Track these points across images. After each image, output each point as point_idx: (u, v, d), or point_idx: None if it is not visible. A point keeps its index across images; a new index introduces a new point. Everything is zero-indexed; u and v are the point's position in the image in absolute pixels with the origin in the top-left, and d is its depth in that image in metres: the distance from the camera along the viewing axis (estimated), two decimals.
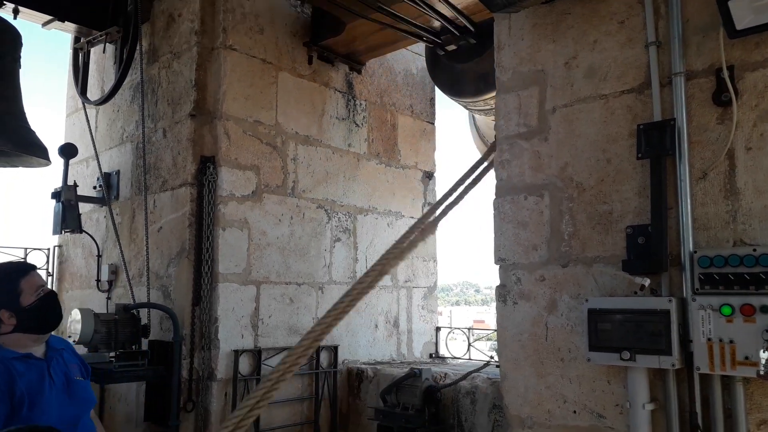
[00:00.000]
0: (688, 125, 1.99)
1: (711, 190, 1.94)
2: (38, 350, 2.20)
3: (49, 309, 2.19)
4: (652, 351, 1.90)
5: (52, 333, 2.33)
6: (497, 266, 2.44)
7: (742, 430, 1.80)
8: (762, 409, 1.80)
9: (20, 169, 3.60)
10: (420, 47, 4.43)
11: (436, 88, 4.93)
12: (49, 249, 4.49)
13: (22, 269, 2.23)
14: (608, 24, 2.20)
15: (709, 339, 1.81)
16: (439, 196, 4.73)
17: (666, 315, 1.88)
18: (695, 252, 1.90)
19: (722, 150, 1.92)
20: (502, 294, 2.40)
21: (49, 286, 2.28)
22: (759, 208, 1.85)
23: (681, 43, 2.01)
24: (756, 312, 1.73)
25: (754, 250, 1.79)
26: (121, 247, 3.77)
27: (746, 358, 1.74)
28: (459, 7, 3.39)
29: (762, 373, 1.68)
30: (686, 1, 2.02)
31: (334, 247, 4.06)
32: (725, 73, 1.90)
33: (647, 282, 1.96)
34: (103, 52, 4.11)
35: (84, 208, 4.06)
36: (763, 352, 1.68)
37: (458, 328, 4.20)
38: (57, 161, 3.82)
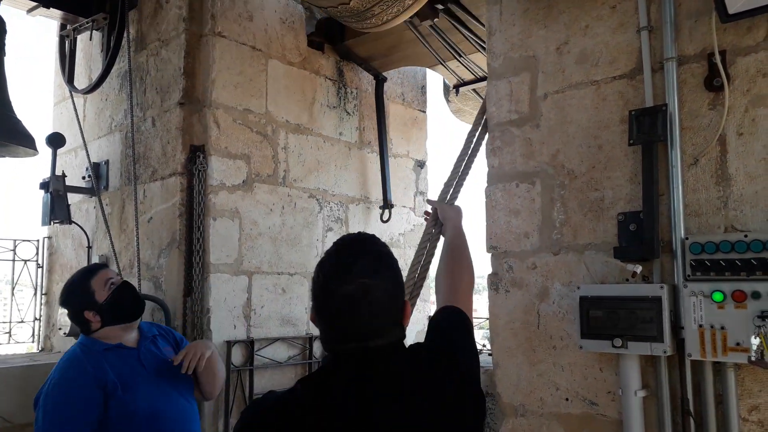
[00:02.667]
0: (679, 111, 1.97)
1: (702, 176, 1.93)
2: (129, 339, 2.34)
3: (124, 298, 2.33)
4: (644, 338, 1.89)
5: (148, 321, 2.52)
6: (489, 254, 2.43)
7: (733, 415, 1.80)
8: (753, 395, 1.81)
9: (7, 159, 3.55)
10: None
11: (427, 76, 4.90)
12: (38, 240, 4.45)
13: (89, 270, 2.40)
14: (600, 9, 2.18)
15: (700, 325, 1.80)
16: (431, 185, 4.71)
17: (657, 302, 1.88)
18: (687, 238, 1.89)
19: (714, 136, 1.90)
20: (494, 282, 2.39)
21: (121, 278, 2.44)
22: (750, 193, 1.84)
23: (673, 28, 1.99)
24: (747, 298, 1.73)
25: (746, 236, 1.78)
26: (111, 238, 3.73)
27: (737, 344, 1.73)
28: None
29: (753, 359, 1.68)
30: None
31: (326, 236, 4.03)
32: (717, 58, 1.88)
33: (639, 269, 1.95)
34: (90, 40, 4.04)
35: (73, 198, 4.02)
36: (754, 338, 1.68)
37: None
38: (45, 151, 3.77)
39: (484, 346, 3.61)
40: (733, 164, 1.88)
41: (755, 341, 1.67)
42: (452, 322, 1.47)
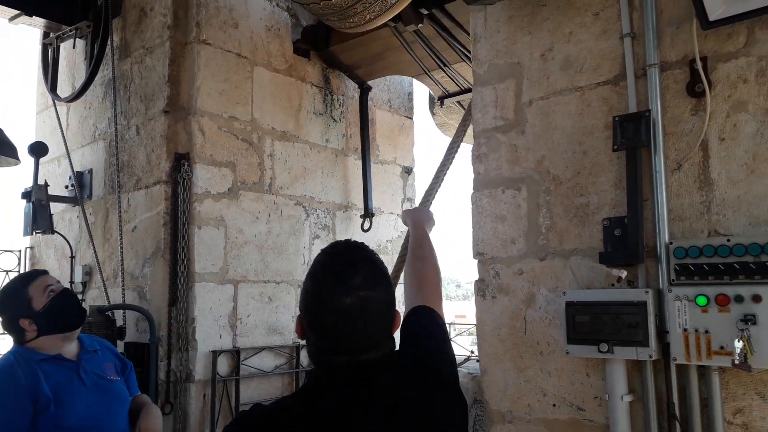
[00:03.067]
0: (662, 117, 1.99)
1: (686, 181, 1.95)
2: (69, 351, 2.20)
3: (64, 306, 2.19)
4: (630, 342, 1.90)
5: (89, 334, 2.36)
6: (476, 261, 2.43)
7: (718, 419, 1.81)
8: (737, 398, 1.81)
9: None
10: None
11: (414, 83, 4.92)
12: (20, 251, 4.38)
13: (28, 277, 2.26)
14: (583, 16, 2.20)
15: (685, 329, 1.81)
16: (418, 192, 4.72)
17: (643, 306, 1.89)
18: (671, 243, 1.91)
19: (696, 141, 1.92)
20: (481, 288, 2.39)
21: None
22: (732, 198, 1.86)
23: (655, 35, 2.01)
24: (730, 302, 1.74)
25: (728, 240, 1.80)
26: (94, 248, 3.69)
27: (721, 347, 1.74)
28: None
29: (737, 362, 1.69)
30: None
31: (312, 244, 4.02)
32: (699, 65, 1.90)
33: (624, 274, 1.96)
34: (73, 48, 4.01)
35: (56, 208, 3.97)
36: (738, 341, 1.69)
37: None
38: (27, 160, 3.73)
39: (472, 352, 3.60)
40: (715, 169, 1.90)
41: (738, 344, 1.68)
42: (426, 327, 1.41)
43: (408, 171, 4.81)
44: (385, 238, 4.54)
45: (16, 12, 3.74)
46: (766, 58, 1.83)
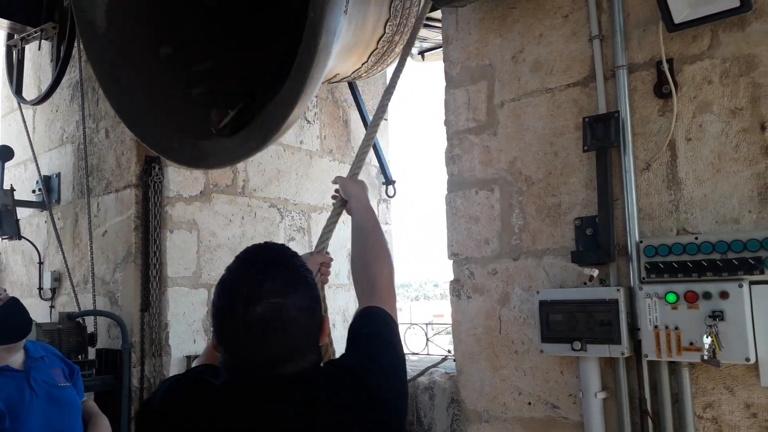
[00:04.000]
0: (631, 117, 2.02)
1: (654, 180, 1.98)
2: (15, 361, 2.13)
3: (7, 316, 2.12)
4: (603, 340, 1.93)
5: (34, 340, 2.29)
6: (451, 261, 2.44)
7: (688, 413, 1.85)
8: (707, 393, 1.85)
9: None
10: None
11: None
12: None
13: None
14: (553, 18, 2.22)
15: (655, 326, 1.85)
16: (394, 195, 4.71)
17: (615, 304, 1.92)
18: (641, 242, 1.94)
19: (664, 141, 1.96)
20: (456, 288, 2.40)
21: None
22: (699, 197, 1.90)
23: (623, 37, 2.04)
24: (699, 299, 1.78)
25: (696, 238, 1.84)
26: (63, 253, 3.60)
27: (691, 343, 1.78)
28: None
29: (705, 357, 1.72)
30: None
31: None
32: (665, 66, 1.94)
33: (596, 273, 1.99)
34: (39, 50, 3.92)
35: (23, 213, 3.87)
36: (706, 337, 1.73)
37: (416, 324, 4.19)
38: None
39: (449, 351, 3.61)
40: (683, 169, 1.94)
41: (707, 340, 1.72)
42: (372, 334, 1.25)
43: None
44: None
45: None
46: (729, 59, 1.88)
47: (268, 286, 1.05)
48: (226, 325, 1.07)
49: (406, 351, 4.43)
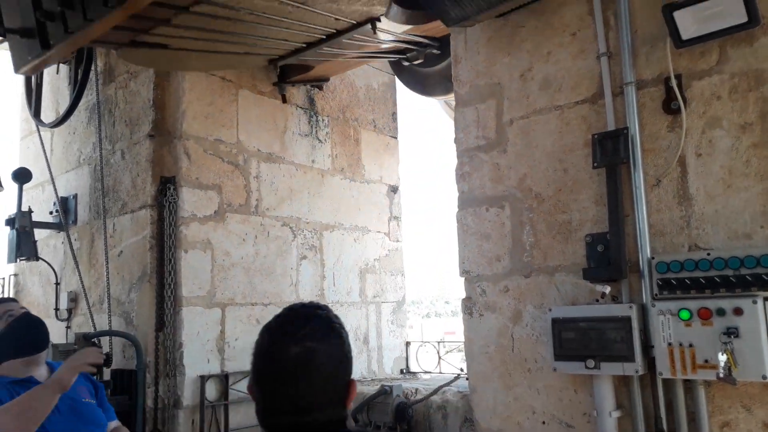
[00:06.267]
0: (640, 134, 2.02)
1: (665, 196, 1.98)
2: (40, 374, 2.17)
3: (21, 330, 2.15)
4: (616, 358, 1.91)
5: (52, 360, 2.31)
6: (462, 278, 2.44)
7: None
8: (724, 411, 1.83)
9: None
10: (381, 62, 4.45)
11: (398, 103, 4.95)
12: (3, 278, 4.33)
13: None
14: (561, 36, 2.24)
15: (669, 344, 1.83)
16: (404, 210, 4.74)
17: (627, 321, 1.90)
18: (653, 258, 1.93)
19: (674, 157, 1.95)
20: (468, 306, 2.40)
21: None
22: (711, 212, 1.89)
23: (631, 54, 2.05)
24: (712, 315, 1.76)
25: (708, 254, 1.82)
26: (80, 274, 3.65)
27: (706, 361, 1.76)
28: (422, 33, 3.42)
29: (721, 375, 1.70)
30: (634, 12, 2.07)
31: (300, 265, 4.01)
32: (673, 82, 1.94)
33: (608, 290, 1.98)
34: (57, 73, 4.01)
35: (40, 234, 3.94)
36: (721, 354, 1.71)
37: (428, 342, 4.18)
38: (11, 186, 3.70)
39: (461, 370, 3.59)
40: (693, 184, 1.93)
41: (722, 358, 1.70)
42: None
43: (394, 190, 4.83)
44: (373, 257, 4.54)
45: None
46: (738, 75, 1.88)
47: (306, 331, 1.14)
48: (263, 363, 1.15)
49: (418, 369, 4.42)
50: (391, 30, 3.19)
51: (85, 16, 2.29)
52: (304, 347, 1.11)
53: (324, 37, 3.21)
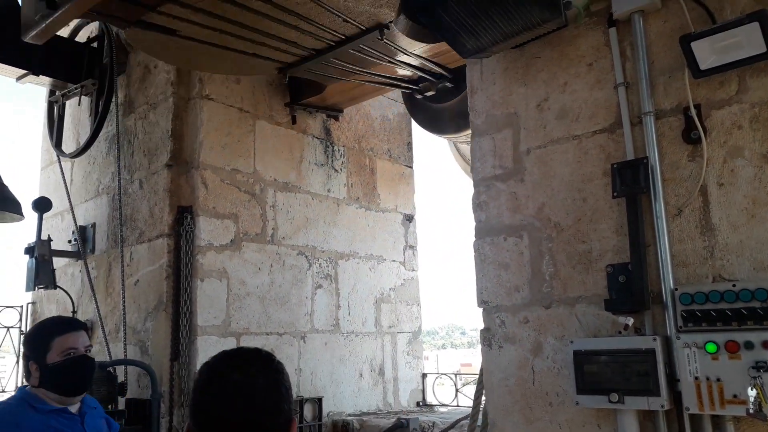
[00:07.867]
0: (660, 163, 2.01)
1: (687, 226, 1.95)
2: (73, 406, 2.22)
3: (70, 374, 2.15)
4: (641, 392, 1.86)
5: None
6: (480, 309, 2.41)
7: None
8: None
9: None
10: (396, 92, 4.50)
11: (413, 133, 4.99)
12: (22, 306, 4.36)
13: (61, 326, 2.23)
14: (577, 66, 2.25)
15: (696, 378, 1.78)
16: (420, 239, 4.73)
17: (652, 354, 1.86)
18: (676, 289, 1.89)
19: (695, 187, 1.93)
20: (487, 338, 2.36)
21: (84, 350, 2.20)
22: (735, 243, 1.86)
23: (648, 84, 2.05)
24: (740, 348, 1.71)
25: (734, 285, 1.78)
26: (96, 302, 3.67)
27: (734, 396, 1.71)
28: (434, 58, 3.46)
29: (751, 411, 1.65)
30: (651, 43, 2.07)
31: (315, 294, 3.99)
32: (693, 112, 1.93)
33: (631, 321, 1.94)
34: (79, 105, 4.10)
35: (59, 262, 3.97)
36: (751, 389, 1.66)
37: (445, 374, 4.12)
38: (31, 215, 3.75)
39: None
40: (716, 214, 1.90)
41: (752, 393, 1.65)
42: None
43: (409, 219, 4.83)
44: (388, 286, 4.52)
45: (24, 72, 3.83)
46: (759, 104, 1.86)
47: (248, 362, 1.18)
48: (202, 394, 1.15)
49: (434, 402, 4.35)
50: (401, 46, 3.20)
51: None
52: (245, 374, 1.13)
53: (332, 43, 3.22)
